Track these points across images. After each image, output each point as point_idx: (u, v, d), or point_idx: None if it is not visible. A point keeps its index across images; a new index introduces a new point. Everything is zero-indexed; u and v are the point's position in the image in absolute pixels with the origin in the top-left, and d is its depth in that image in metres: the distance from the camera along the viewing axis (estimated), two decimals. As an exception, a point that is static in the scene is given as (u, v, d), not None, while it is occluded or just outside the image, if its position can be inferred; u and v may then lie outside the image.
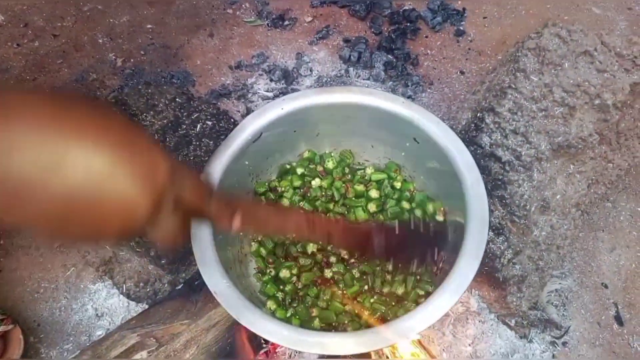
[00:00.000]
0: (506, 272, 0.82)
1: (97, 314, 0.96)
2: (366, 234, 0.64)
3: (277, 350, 0.83)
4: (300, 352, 0.79)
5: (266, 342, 0.82)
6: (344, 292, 0.76)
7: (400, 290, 0.75)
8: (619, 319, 0.92)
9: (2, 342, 0.87)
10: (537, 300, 0.89)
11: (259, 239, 0.81)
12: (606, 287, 0.96)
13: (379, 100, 0.76)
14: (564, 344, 0.90)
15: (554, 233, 0.86)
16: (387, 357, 0.78)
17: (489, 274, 0.84)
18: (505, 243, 0.82)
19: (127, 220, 0.38)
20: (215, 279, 0.64)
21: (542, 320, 0.90)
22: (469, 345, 0.88)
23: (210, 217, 0.49)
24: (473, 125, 0.86)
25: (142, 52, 1.29)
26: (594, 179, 0.90)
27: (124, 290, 0.88)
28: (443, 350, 0.88)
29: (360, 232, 0.66)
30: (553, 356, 0.89)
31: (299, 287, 0.77)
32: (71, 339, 0.94)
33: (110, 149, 0.36)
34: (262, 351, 0.83)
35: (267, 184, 0.84)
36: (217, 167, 0.73)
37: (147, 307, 0.91)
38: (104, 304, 0.97)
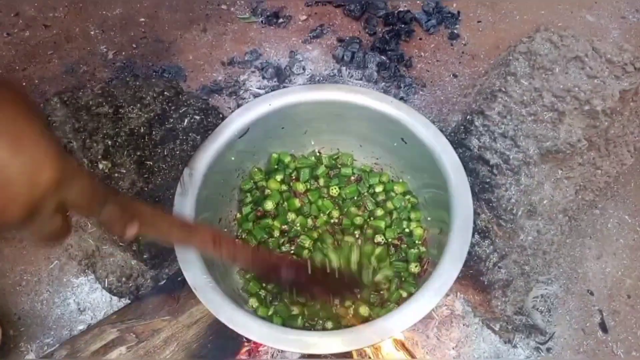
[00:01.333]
0: (491, 275, 0.82)
1: (79, 309, 0.95)
2: (275, 266, 0.65)
3: (259, 350, 0.82)
4: (282, 351, 0.78)
5: (248, 340, 0.82)
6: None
7: (383, 292, 0.74)
8: (603, 326, 0.92)
9: (-20, 334, 0.86)
10: (522, 305, 0.89)
11: None
12: (592, 294, 0.96)
13: (368, 99, 0.75)
14: (548, 349, 0.90)
15: (541, 238, 0.86)
16: (370, 358, 0.77)
17: (474, 277, 0.84)
18: (491, 247, 0.81)
19: None
20: (196, 275, 0.63)
21: (527, 326, 0.90)
22: (453, 348, 0.88)
23: (101, 222, 0.47)
24: (462, 127, 0.85)
25: (134, 45, 1.28)
26: (581, 185, 0.90)
27: (106, 285, 0.86)
28: (427, 352, 0.87)
29: (269, 263, 0.67)
30: (537, 362, 0.88)
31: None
32: (52, 332, 0.93)
33: None
34: (244, 349, 0.82)
35: (252, 181, 0.83)
36: (202, 162, 0.73)
37: (129, 302, 0.90)
38: (87, 299, 0.96)
